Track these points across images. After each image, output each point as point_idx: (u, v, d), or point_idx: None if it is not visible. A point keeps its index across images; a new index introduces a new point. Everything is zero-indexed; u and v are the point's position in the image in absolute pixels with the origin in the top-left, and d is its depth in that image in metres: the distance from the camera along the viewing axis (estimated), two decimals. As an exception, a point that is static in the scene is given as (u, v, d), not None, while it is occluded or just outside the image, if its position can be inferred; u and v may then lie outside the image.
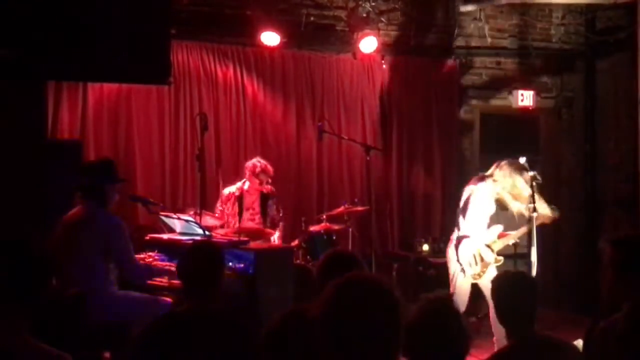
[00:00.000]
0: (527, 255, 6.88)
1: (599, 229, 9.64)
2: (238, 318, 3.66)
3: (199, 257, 3.88)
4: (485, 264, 6.72)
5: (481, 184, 6.85)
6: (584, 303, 9.03)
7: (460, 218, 6.83)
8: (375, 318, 2.30)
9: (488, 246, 6.77)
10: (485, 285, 6.78)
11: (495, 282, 3.88)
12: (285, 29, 8.17)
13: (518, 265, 8.51)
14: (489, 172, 6.92)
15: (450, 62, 9.41)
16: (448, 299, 2.97)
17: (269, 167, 7.51)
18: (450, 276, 6.80)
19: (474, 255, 6.73)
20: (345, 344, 2.28)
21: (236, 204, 7.48)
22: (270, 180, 7.55)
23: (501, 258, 6.80)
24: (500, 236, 6.85)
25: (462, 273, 6.73)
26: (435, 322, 2.91)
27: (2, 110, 5.37)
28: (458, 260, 6.76)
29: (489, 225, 6.90)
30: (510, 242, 6.87)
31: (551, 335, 3.78)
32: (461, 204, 6.86)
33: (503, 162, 6.88)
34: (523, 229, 6.86)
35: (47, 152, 5.94)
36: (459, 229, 6.83)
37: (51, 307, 4.50)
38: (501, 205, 6.93)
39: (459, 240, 6.80)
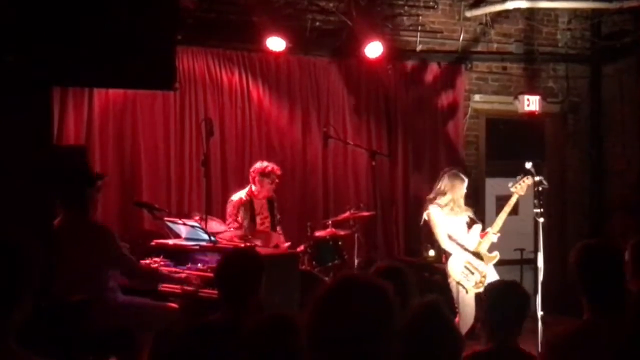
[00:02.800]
0: (534, 261, 6.87)
1: (605, 235, 9.61)
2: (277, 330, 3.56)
3: (238, 265, 3.79)
4: (481, 270, 6.72)
5: (431, 207, 6.90)
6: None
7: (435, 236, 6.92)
8: (365, 319, 2.25)
9: (474, 253, 6.77)
10: None
11: (488, 290, 3.86)
12: (290, 35, 8.16)
13: (524, 270, 8.52)
14: (432, 194, 7.00)
15: (456, 67, 9.39)
16: (438, 303, 2.92)
17: (276, 168, 7.50)
18: (454, 294, 6.79)
19: (465, 267, 6.74)
20: (332, 347, 2.23)
21: (248, 211, 7.44)
22: (277, 181, 7.53)
23: (496, 254, 6.79)
24: (482, 236, 6.86)
25: (463, 289, 6.73)
26: (425, 328, 2.88)
27: (8, 116, 5.37)
28: (454, 278, 6.79)
29: (468, 228, 6.93)
30: (493, 239, 6.85)
31: (523, 349, 3.73)
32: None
33: (445, 173, 7.01)
34: (497, 222, 6.86)
35: (52, 158, 5.93)
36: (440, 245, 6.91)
37: (55, 313, 4.50)
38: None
39: (446, 257, 6.83)
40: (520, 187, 6.89)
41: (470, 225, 6.95)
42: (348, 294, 2.29)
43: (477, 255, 6.77)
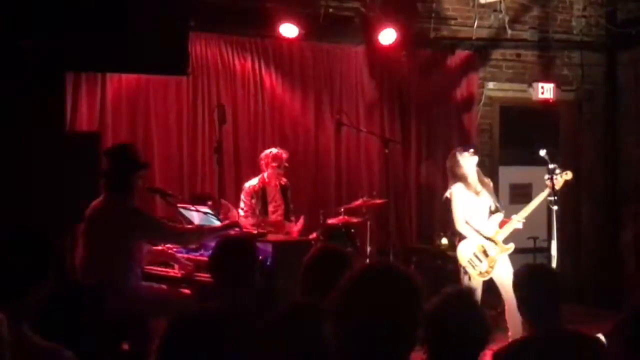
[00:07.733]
0: (547, 249, 6.83)
1: (619, 223, 9.56)
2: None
3: (232, 251, 3.78)
4: (491, 259, 6.66)
5: (457, 184, 6.84)
6: (605, 297, 8.97)
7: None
8: (394, 305, 2.27)
9: (490, 239, 6.70)
10: (500, 279, 6.72)
11: (516, 275, 3.87)
12: (303, 21, 8.13)
13: (538, 259, 8.49)
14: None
15: (470, 54, 9.34)
16: (469, 291, 2.93)
17: (282, 152, 7.46)
18: (461, 279, 6.78)
19: (474, 254, 6.69)
20: (360, 334, 2.25)
21: (260, 198, 7.42)
22: (286, 165, 7.49)
23: (511, 245, 6.73)
24: (502, 224, 6.80)
25: (465, 276, 6.68)
26: (455, 313, 2.88)
27: (21, 102, 5.38)
28: (461, 262, 6.76)
29: (489, 215, 6.87)
30: (517, 225, 6.79)
31: (576, 329, 3.73)
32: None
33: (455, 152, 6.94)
34: (525, 209, 6.80)
35: (65, 144, 5.94)
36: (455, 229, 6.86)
37: (68, 298, 4.50)
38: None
39: (460, 239, 6.80)
40: (556, 182, 6.74)
41: (493, 212, 6.88)
42: (373, 281, 2.33)
43: (493, 242, 6.71)
